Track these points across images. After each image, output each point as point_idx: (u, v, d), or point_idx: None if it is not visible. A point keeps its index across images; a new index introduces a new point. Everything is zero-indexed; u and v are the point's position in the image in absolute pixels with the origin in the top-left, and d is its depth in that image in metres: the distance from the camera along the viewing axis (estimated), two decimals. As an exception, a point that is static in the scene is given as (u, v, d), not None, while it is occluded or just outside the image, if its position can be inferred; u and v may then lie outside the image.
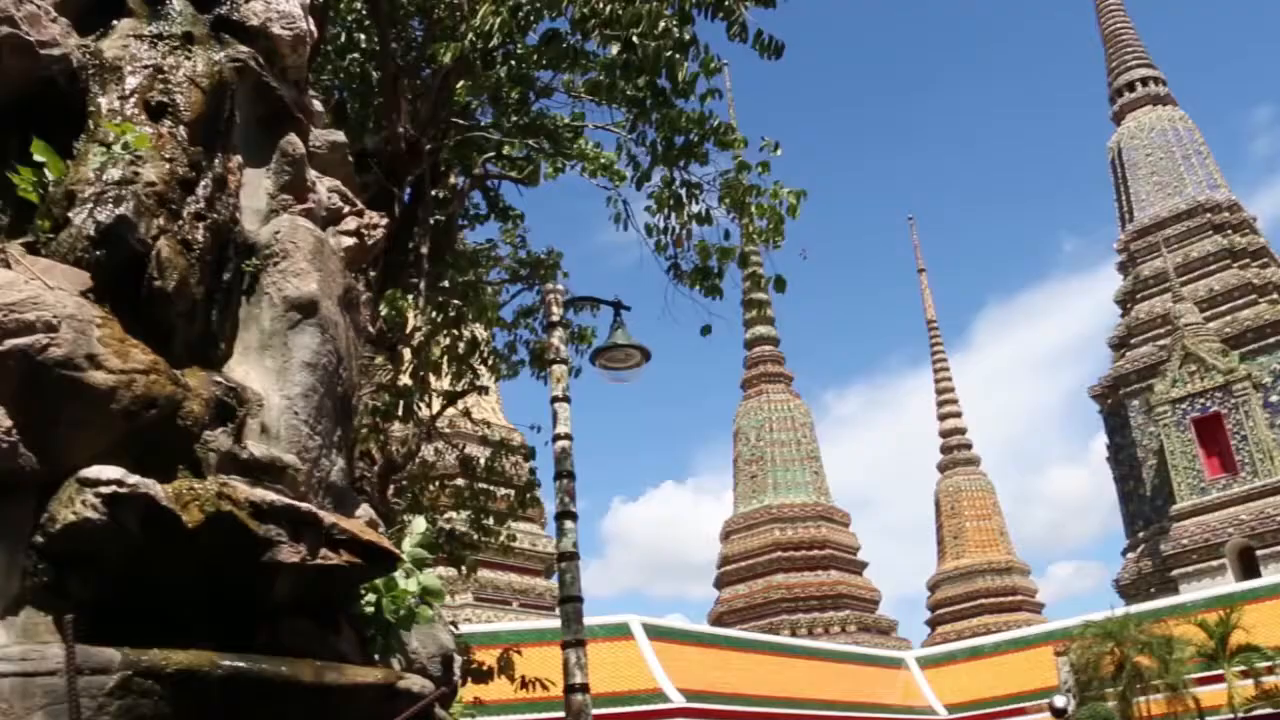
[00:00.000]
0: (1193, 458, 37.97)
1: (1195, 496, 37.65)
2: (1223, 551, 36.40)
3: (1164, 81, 49.28)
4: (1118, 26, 50.63)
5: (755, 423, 49.88)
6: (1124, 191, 47.02)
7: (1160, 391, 38.95)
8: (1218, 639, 24.94)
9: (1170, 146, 46.44)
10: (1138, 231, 45.27)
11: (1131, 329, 43.51)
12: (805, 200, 8.06)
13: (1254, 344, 39.57)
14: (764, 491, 48.49)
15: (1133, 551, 41.41)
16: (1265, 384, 38.84)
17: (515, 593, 33.16)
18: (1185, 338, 39.09)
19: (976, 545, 53.32)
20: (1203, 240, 43.45)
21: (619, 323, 7.92)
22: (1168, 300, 41.79)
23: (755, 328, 52.16)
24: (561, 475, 7.45)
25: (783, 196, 8.03)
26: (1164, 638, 25.22)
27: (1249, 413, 37.37)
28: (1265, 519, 35.95)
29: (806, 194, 8.06)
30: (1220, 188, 45.71)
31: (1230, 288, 41.51)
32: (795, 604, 45.29)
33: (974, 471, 55.80)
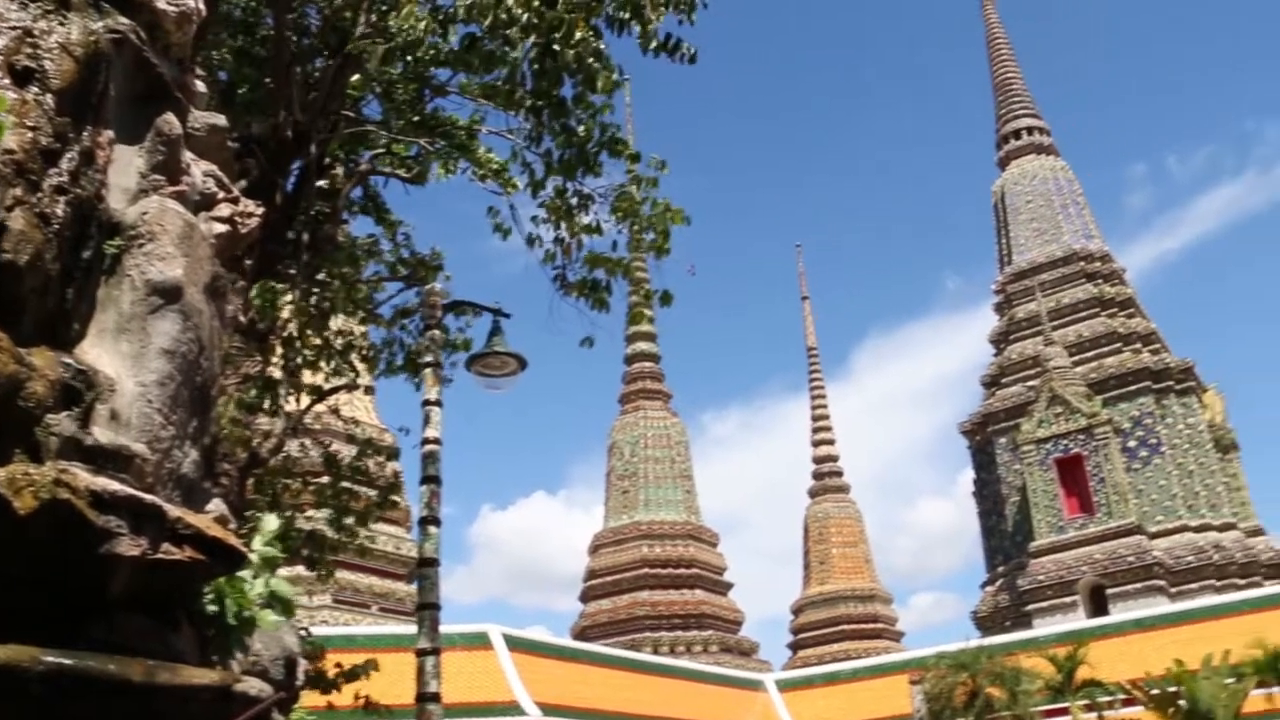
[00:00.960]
0: (1053, 497, 39.09)
1: (1053, 534, 38.75)
2: (1076, 589, 37.47)
3: (1048, 132, 50.77)
4: (1008, 76, 52.05)
5: (631, 438, 49.99)
6: (1005, 235, 48.28)
7: (1026, 431, 40.05)
8: (1065, 673, 25.63)
9: (1050, 195, 47.84)
10: (1015, 275, 46.51)
11: (1003, 368, 44.68)
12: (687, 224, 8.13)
13: (1116, 390, 40.94)
14: (635, 507, 48.60)
15: (991, 585, 42.40)
16: (1125, 429, 40.19)
17: (376, 596, 32.64)
18: (1053, 380, 40.26)
19: (842, 572, 54.10)
20: (1075, 287, 44.81)
21: (497, 330, 7.86)
22: (1039, 343, 43.00)
23: (637, 344, 52.33)
24: (428, 480, 7.35)
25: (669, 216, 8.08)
26: (1015, 670, 25.83)
27: (1108, 456, 38.62)
28: (1117, 559, 37.14)
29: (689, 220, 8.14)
30: (1095, 238, 47.24)
31: (1098, 335, 42.89)
32: (659, 621, 45.42)
33: (844, 499, 56.66)
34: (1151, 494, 39.54)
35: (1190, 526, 38.75)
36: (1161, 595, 36.19)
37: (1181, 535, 38.48)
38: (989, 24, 53.46)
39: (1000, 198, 49.04)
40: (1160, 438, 40.25)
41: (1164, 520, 38.99)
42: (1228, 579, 37.07)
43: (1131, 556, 37.04)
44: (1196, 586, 36.62)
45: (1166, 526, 38.82)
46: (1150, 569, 36.62)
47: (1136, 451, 40.17)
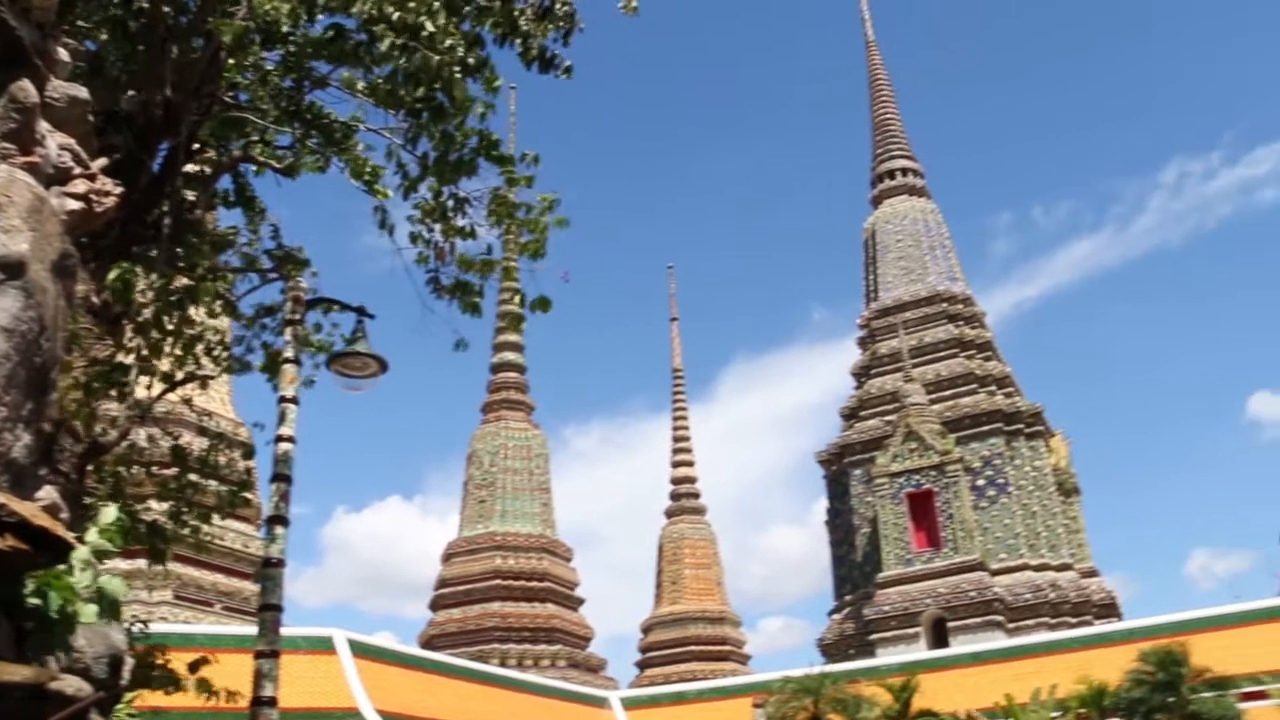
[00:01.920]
0: (903, 530, 39.95)
1: (900, 566, 39.58)
2: (919, 620, 38.32)
3: (922, 174, 52.04)
4: (887, 116, 53.25)
5: (491, 448, 49.63)
6: (873, 272, 49.29)
7: (881, 464, 40.88)
8: (902, 702, 26.15)
9: (919, 235, 49.02)
10: (880, 311, 47.50)
11: (863, 401, 45.57)
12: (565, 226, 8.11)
13: (970, 430, 42.07)
14: (491, 517, 48.22)
15: (838, 613, 43.09)
16: (975, 468, 41.32)
17: (220, 594, 31.73)
18: (910, 416, 41.20)
19: (693, 593, 54.46)
20: (937, 328, 45.96)
21: (361, 330, 7.72)
22: (899, 379, 43.95)
23: (504, 353, 52.03)
24: (279, 478, 7.16)
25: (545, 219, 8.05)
26: (855, 697, 26.26)
27: (957, 493, 39.65)
28: (959, 593, 38.11)
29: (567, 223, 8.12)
30: (959, 280, 48.55)
31: (955, 375, 44.03)
32: (508, 634, 45.10)
33: (699, 520, 57.09)
34: (996, 532, 40.70)
35: (1030, 565, 39.95)
36: (999, 630, 37.22)
37: (1022, 573, 39.64)
38: (872, 65, 54.62)
39: (871, 235, 50.06)
40: (1008, 478, 41.47)
41: (1006, 558, 40.14)
42: (1061, 617, 38.31)
43: (973, 591, 38.02)
44: (1032, 623, 37.76)
45: (1008, 564, 39.95)
46: (990, 604, 37.63)
47: (984, 490, 41.32)
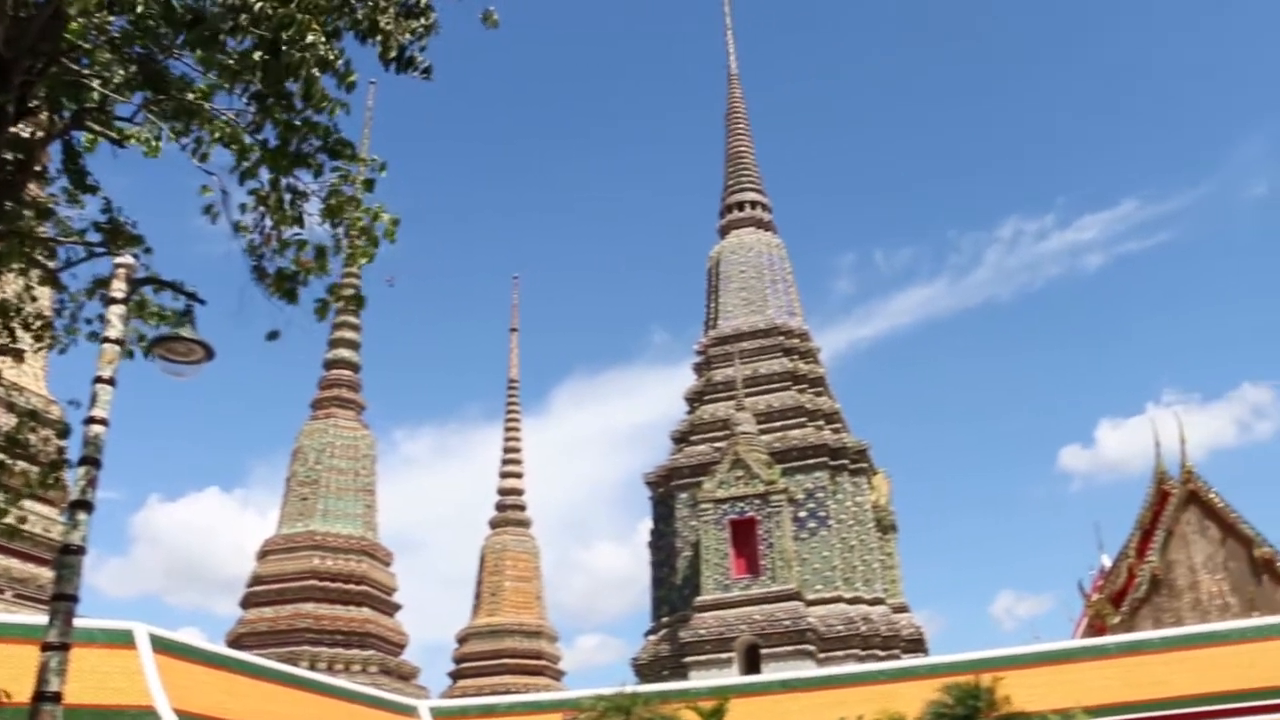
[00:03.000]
0: (723, 555, 40.41)
1: (719, 592, 40.01)
2: (733, 646, 38.78)
3: (769, 209, 52.95)
4: (741, 148, 54.09)
5: (318, 445, 48.58)
6: (714, 300, 49.90)
7: (707, 489, 41.32)
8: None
9: (762, 268, 49.86)
10: (718, 339, 48.10)
11: (694, 426, 46.03)
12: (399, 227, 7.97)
13: (796, 462, 42.87)
14: (312, 516, 47.16)
15: (654, 634, 43.32)
16: (798, 500, 42.13)
17: (12, 581, 30.21)
18: (739, 444, 41.78)
19: (512, 605, 54.26)
20: (772, 360, 46.76)
21: (189, 314, 7.47)
22: (731, 407, 44.53)
23: (338, 350, 51.11)
24: (87, 462, 6.87)
25: (382, 219, 7.92)
26: (666, 718, 26.42)
27: (779, 523, 40.33)
28: (773, 621, 38.72)
29: (400, 221, 7.98)
30: (797, 315, 49.53)
31: (786, 407, 44.85)
32: (321, 636, 44.13)
33: (523, 533, 56.92)
34: (814, 563, 41.52)
35: (845, 598, 40.85)
36: (810, 659, 37.96)
37: (836, 605, 40.50)
38: (732, 98, 55.43)
39: (716, 264, 50.70)
40: (829, 512, 42.38)
41: (822, 589, 40.97)
42: (871, 649, 39.25)
43: (788, 620, 38.69)
44: (843, 654, 38.58)
45: (823, 595, 40.77)
46: (803, 634, 38.35)
47: (806, 522, 42.14)
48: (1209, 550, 36.12)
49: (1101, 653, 29.31)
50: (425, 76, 7.47)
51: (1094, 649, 30.15)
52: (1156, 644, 29.16)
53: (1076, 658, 29.26)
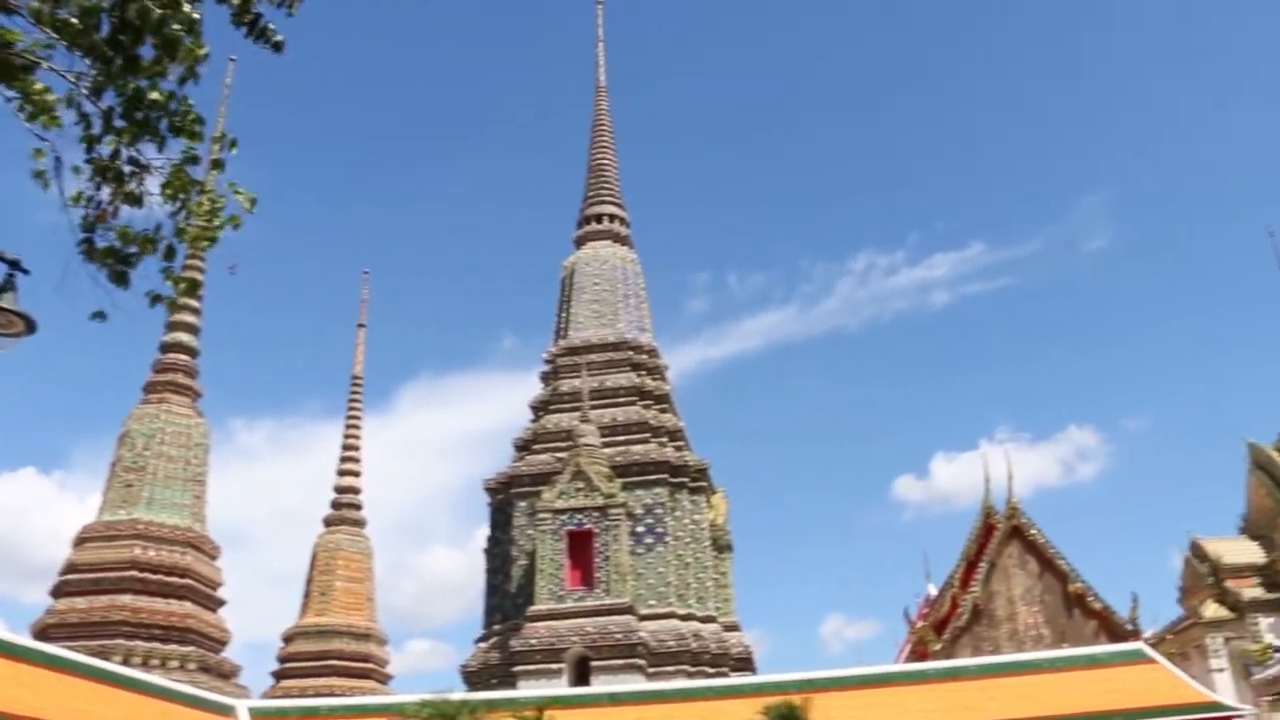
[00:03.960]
0: (559, 566, 40.29)
1: (552, 602, 39.87)
2: (564, 657, 38.65)
3: (627, 223, 53.18)
4: (603, 160, 54.22)
5: (147, 430, 46.87)
6: (566, 310, 49.84)
7: (547, 499, 41.18)
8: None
9: (615, 282, 50.01)
10: (567, 349, 48.04)
11: (537, 435, 45.84)
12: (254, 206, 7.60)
13: (637, 477, 43.04)
14: (136, 504, 45.44)
15: (485, 642, 42.93)
16: (637, 514, 42.30)
17: None
18: (581, 456, 41.75)
19: (342, 606, 53.21)
20: (619, 374, 46.91)
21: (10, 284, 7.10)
22: (575, 418, 44.49)
23: (176, 333, 49.47)
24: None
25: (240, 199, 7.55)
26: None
27: (617, 536, 40.42)
28: (605, 634, 38.75)
29: (256, 199, 7.63)
30: (647, 332, 49.81)
31: (631, 422, 45.02)
32: (138, 630, 42.51)
33: (358, 533, 55.92)
34: (649, 578, 41.72)
35: (677, 614, 41.13)
36: (640, 674, 38.09)
37: (668, 621, 40.74)
38: (598, 109, 55.54)
39: (570, 274, 50.67)
40: (667, 528, 42.65)
41: (655, 604, 41.18)
42: (700, 666, 39.61)
43: (619, 634, 38.76)
44: (672, 669, 38.83)
45: (656, 611, 40.97)
46: (634, 648, 38.47)
47: (643, 537, 42.33)
48: (1028, 583, 37.48)
49: (922, 677, 30.12)
50: (276, 50, 7.18)
51: (915, 674, 30.98)
52: (974, 671, 30.09)
53: (898, 681, 30.01)
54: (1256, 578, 49.70)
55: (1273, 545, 50.08)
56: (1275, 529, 50.31)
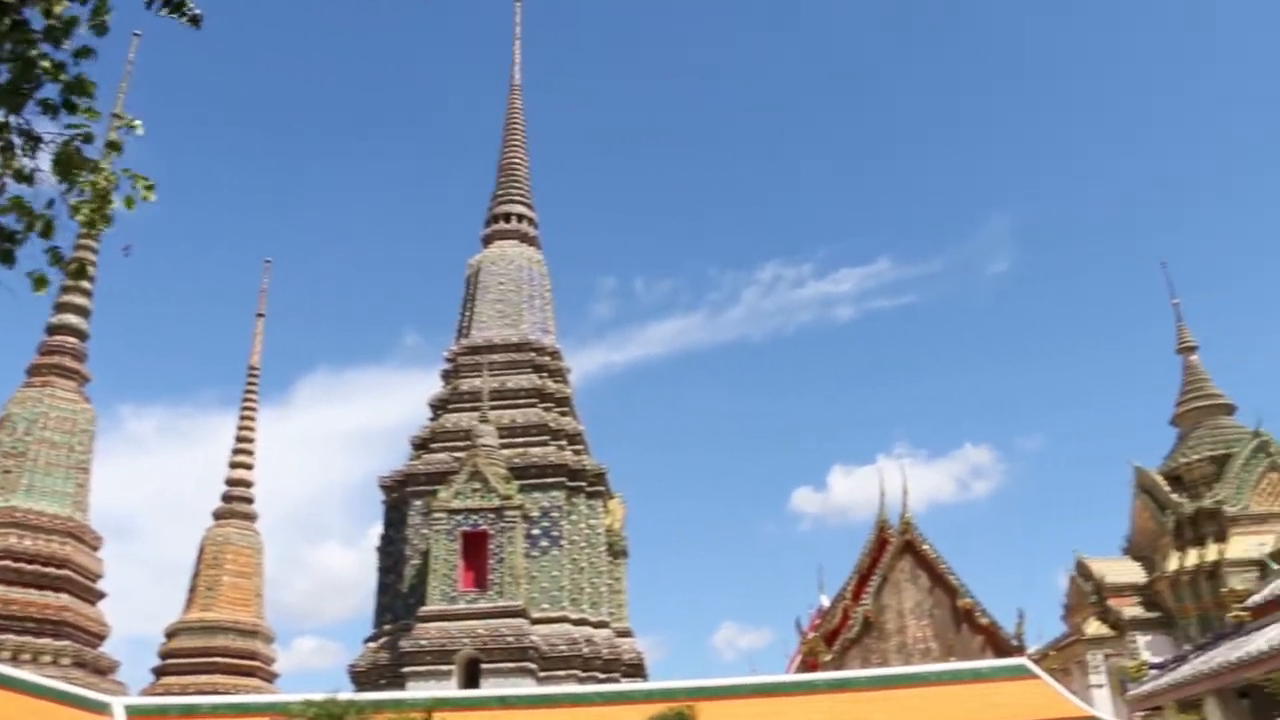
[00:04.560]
0: (452, 567, 39.85)
1: (444, 603, 39.42)
2: (454, 659, 38.21)
3: (536, 224, 52.93)
4: (515, 160, 53.90)
5: (30, 415, 45.32)
6: (470, 308, 49.42)
7: (443, 499, 40.73)
8: (422, 739, 25.90)
9: (521, 283, 49.71)
10: (470, 349, 47.61)
11: (436, 434, 45.33)
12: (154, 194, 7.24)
13: (535, 479, 42.78)
14: (15, 491, 43.89)
15: (375, 642, 42.29)
16: (533, 517, 42.04)
17: None
18: (479, 456, 41.37)
19: (229, 601, 52.02)
20: (521, 375, 46.62)
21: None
22: (475, 418, 44.07)
23: (64, 315, 47.95)
24: None
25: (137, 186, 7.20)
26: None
27: (512, 538, 40.12)
28: (497, 636, 38.42)
29: (154, 186, 7.27)
30: (550, 334, 49.58)
31: (530, 424, 44.74)
32: (9, 623, 40.99)
33: (248, 527, 54.74)
34: (543, 582, 41.47)
35: (570, 618, 40.95)
36: (531, 677, 37.84)
37: (561, 625, 40.54)
38: (512, 108, 55.23)
39: (475, 273, 50.25)
40: (563, 531, 42.44)
41: (548, 608, 40.95)
42: (591, 671, 39.47)
43: (511, 637, 38.47)
44: (563, 674, 38.65)
45: (549, 614, 40.75)
46: (525, 651, 38.20)
47: (539, 540, 42.07)
48: (918, 597, 37.97)
49: (811, 688, 30.34)
50: (193, 24, 6.88)
51: (804, 684, 31.20)
52: (862, 682, 30.39)
53: (788, 692, 30.18)
54: (1137, 597, 51.13)
55: (1153, 566, 51.55)
56: (1157, 550, 51.82)
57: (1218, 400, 55.11)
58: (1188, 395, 55.98)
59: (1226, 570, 46.50)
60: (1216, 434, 53.18)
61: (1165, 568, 49.95)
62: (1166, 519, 50.97)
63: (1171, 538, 50.55)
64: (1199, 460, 52.24)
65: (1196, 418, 54.88)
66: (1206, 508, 49.56)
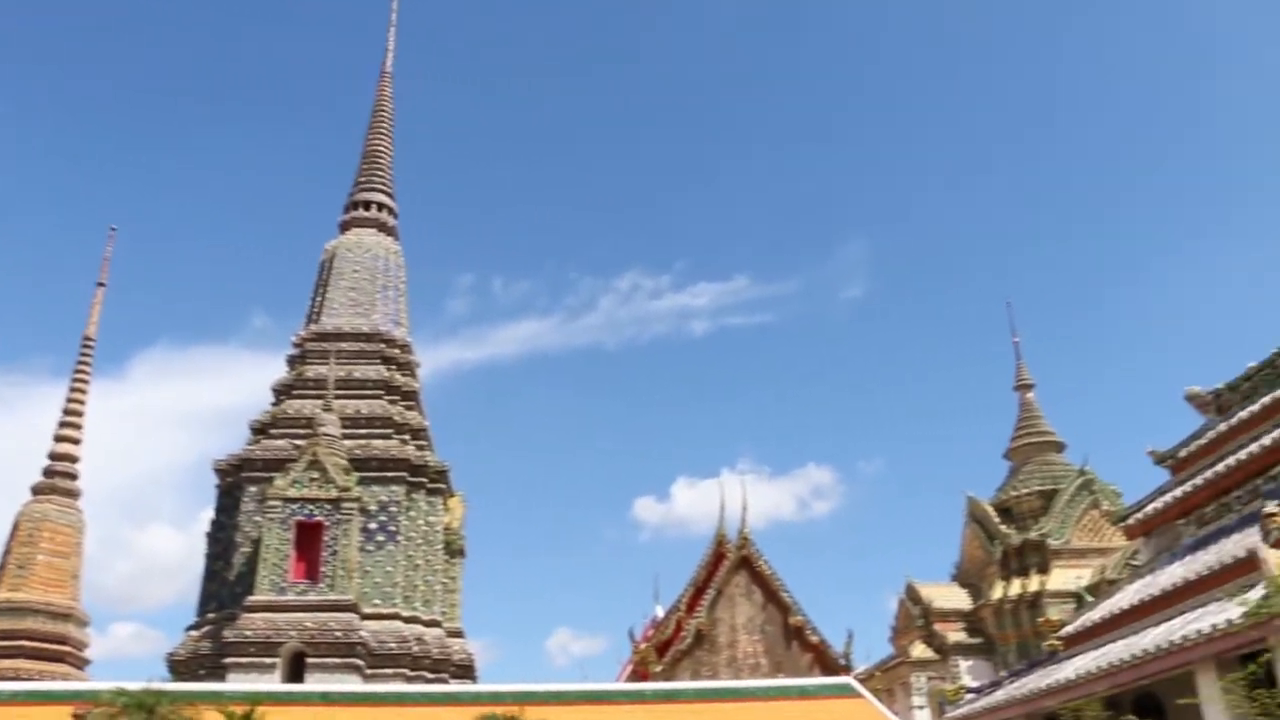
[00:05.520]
0: (284, 556, 38.78)
1: (273, 593, 38.33)
2: (279, 651, 37.17)
3: (396, 214, 52.04)
4: (379, 147, 52.93)
5: None
6: (322, 294, 48.33)
7: (279, 486, 39.64)
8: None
9: (376, 272, 48.82)
10: (318, 335, 46.54)
11: (277, 419, 44.13)
12: None
13: (375, 472, 41.97)
14: None
15: (197, 630, 40.90)
16: (371, 510, 41.22)
17: None
18: (319, 445, 40.41)
19: (42, 582, 49.69)
20: (369, 366, 45.75)
21: None
22: (318, 406, 43.08)
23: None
24: None
25: None
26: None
27: (348, 531, 39.25)
28: (325, 631, 37.51)
29: None
30: (403, 326, 48.77)
31: (375, 415, 43.90)
32: None
33: (69, 504, 52.40)
34: (376, 577, 40.67)
35: (402, 616, 40.25)
36: (357, 674, 37.06)
37: (392, 622, 39.82)
38: (381, 96, 54.23)
39: (330, 258, 49.20)
40: (400, 527, 41.70)
41: (380, 605, 40.18)
42: (420, 671, 38.85)
43: (340, 632, 37.61)
44: (390, 672, 37.95)
45: (381, 611, 39.99)
46: (353, 647, 37.39)
47: (375, 534, 41.26)
48: (751, 613, 38.38)
49: (640, 697, 30.35)
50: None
51: (634, 693, 31.19)
52: (691, 694, 30.55)
53: (617, 700, 30.14)
54: (962, 623, 52.70)
55: (979, 593, 53.19)
56: (984, 579, 53.48)
57: (1049, 437, 57.32)
58: (1021, 431, 58.11)
59: (1046, 601, 48.31)
60: (1045, 470, 55.30)
61: (990, 596, 51.62)
62: (994, 549, 52.74)
63: (998, 567, 52.32)
64: (1028, 494, 54.24)
65: (1028, 453, 56.99)
66: (1032, 540, 51.43)
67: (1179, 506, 25.32)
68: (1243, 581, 18.96)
